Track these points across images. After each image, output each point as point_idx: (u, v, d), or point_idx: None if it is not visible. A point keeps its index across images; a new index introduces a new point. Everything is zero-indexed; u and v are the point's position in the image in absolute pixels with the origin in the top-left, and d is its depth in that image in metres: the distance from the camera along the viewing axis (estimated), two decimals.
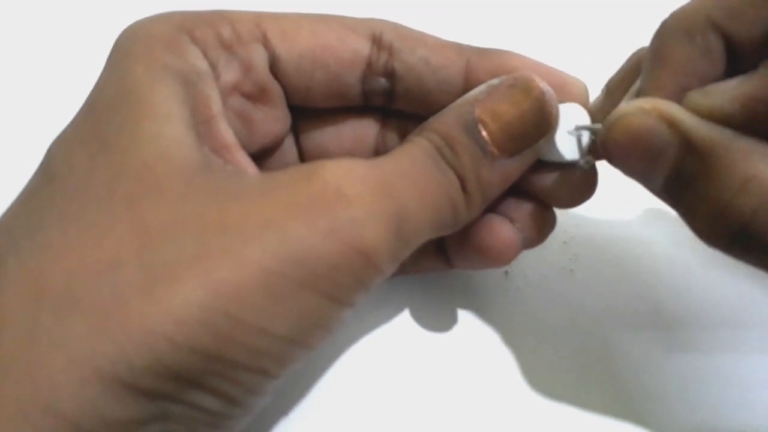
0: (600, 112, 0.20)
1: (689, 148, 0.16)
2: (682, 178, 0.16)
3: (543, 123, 0.19)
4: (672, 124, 0.16)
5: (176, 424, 0.15)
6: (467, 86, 0.20)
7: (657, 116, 0.16)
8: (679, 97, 0.17)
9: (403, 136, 0.22)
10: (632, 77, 0.19)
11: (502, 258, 0.21)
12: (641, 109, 0.17)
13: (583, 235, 0.27)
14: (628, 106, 0.17)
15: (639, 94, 0.18)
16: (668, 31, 0.17)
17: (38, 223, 0.15)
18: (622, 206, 0.28)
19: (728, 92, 0.16)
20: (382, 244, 0.16)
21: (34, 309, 0.14)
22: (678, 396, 0.23)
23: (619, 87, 0.20)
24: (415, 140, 0.18)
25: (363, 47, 0.20)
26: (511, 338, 0.24)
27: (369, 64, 0.20)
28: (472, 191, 0.18)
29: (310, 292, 0.15)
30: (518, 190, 0.20)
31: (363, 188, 0.16)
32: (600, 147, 0.18)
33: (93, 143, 0.16)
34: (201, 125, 0.17)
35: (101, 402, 0.13)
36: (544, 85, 0.19)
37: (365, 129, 0.22)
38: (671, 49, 0.17)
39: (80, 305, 0.14)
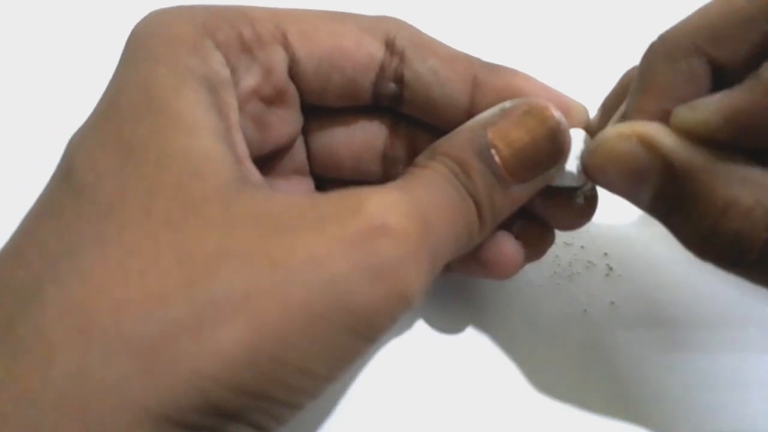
0: (596, 133, 0.21)
1: (670, 172, 0.16)
2: (667, 199, 0.17)
3: (556, 152, 0.19)
4: (652, 148, 0.16)
5: None
6: (472, 102, 0.20)
7: (637, 141, 0.17)
8: (663, 120, 0.17)
9: (411, 142, 0.22)
10: (625, 98, 0.20)
11: (505, 273, 0.21)
12: (621, 134, 0.17)
13: (585, 236, 0.27)
14: (608, 131, 0.18)
15: (624, 117, 0.18)
16: (653, 56, 0.18)
17: (72, 244, 0.15)
18: (621, 207, 0.27)
19: (714, 105, 0.16)
20: (420, 285, 0.16)
21: (83, 344, 0.14)
22: (678, 396, 0.23)
23: (613, 107, 0.20)
24: (431, 165, 0.18)
25: (377, 51, 0.20)
26: (510, 338, 0.24)
27: (382, 69, 0.21)
28: (486, 216, 0.18)
29: (349, 334, 0.15)
30: (522, 209, 0.20)
31: (408, 225, 0.16)
32: (584, 171, 0.19)
33: (119, 152, 0.16)
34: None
35: None
36: (558, 115, 0.19)
37: (374, 132, 0.22)
38: (655, 73, 0.17)
39: (128, 342, 0.14)
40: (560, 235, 0.27)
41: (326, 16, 0.20)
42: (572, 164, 0.19)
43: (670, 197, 0.17)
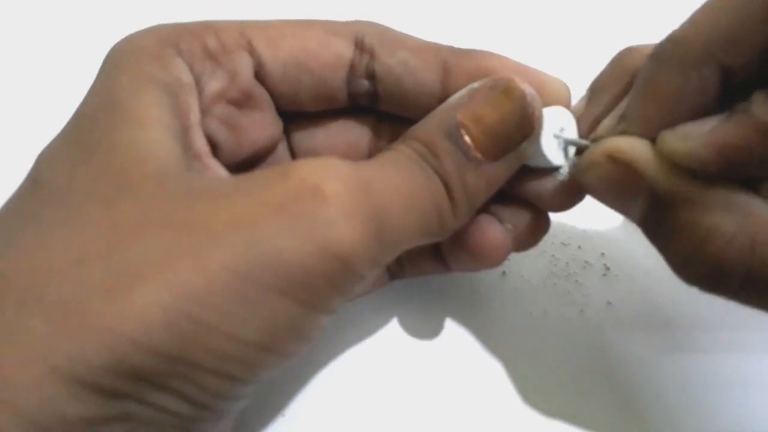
0: (584, 115, 0.20)
1: (654, 198, 0.16)
2: (653, 222, 0.17)
3: (526, 125, 0.18)
4: (636, 174, 0.17)
5: (140, 425, 0.15)
6: (444, 88, 0.20)
7: (624, 167, 0.17)
8: (665, 128, 0.17)
9: (395, 140, 0.22)
10: (616, 80, 0.19)
11: (491, 258, 0.21)
12: (610, 158, 0.17)
13: (582, 237, 0.27)
14: (596, 152, 0.18)
15: (624, 118, 0.18)
16: (663, 62, 0.17)
17: (15, 227, 0.16)
18: None
19: (703, 138, 0.15)
20: (360, 248, 0.15)
21: None
22: (675, 397, 0.23)
23: (603, 90, 0.20)
24: (398, 147, 0.18)
25: (346, 50, 0.20)
26: (507, 339, 0.24)
27: (352, 67, 0.21)
28: (458, 197, 0.18)
29: (280, 296, 0.15)
30: (509, 192, 0.21)
31: (341, 187, 0.15)
32: (578, 185, 0.19)
33: (76, 150, 0.17)
34: (181, 134, 0.18)
35: (58, 399, 0.13)
36: (525, 86, 0.18)
37: (358, 135, 0.23)
38: (664, 81, 0.17)
39: (41, 302, 0.14)
40: (557, 236, 0.27)
41: (293, 22, 0.21)
42: (550, 142, 0.19)
43: (655, 220, 0.17)
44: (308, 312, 0.15)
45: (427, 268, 0.23)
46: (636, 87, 0.18)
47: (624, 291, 0.26)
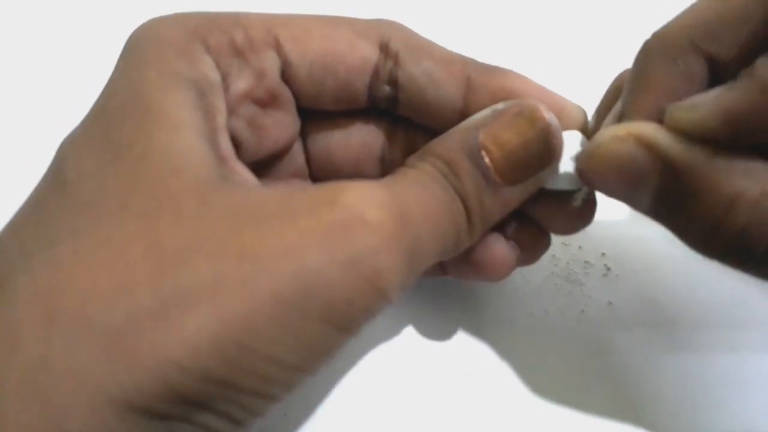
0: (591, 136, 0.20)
1: (671, 171, 0.16)
2: (669, 200, 0.16)
3: (547, 154, 0.18)
4: (650, 148, 0.16)
5: None
6: (466, 104, 0.20)
7: (634, 142, 0.16)
8: (659, 119, 0.17)
9: (408, 145, 0.22)
10: (616, 100, 0.19)
11: (495, 275, 0.21)
12: (617, 137, 0.17)
13: (583, 237, 0.27)
14: (603, 134, 0.17)
15: (620, 118, 0.18)
16: (649, 54, 0.17)
17: (49, 237, 0.15)
18: (619, 207, 0.27)
19: (709, 106, 0.15)
20: (397, 276, 0.16)
21: (47, 331, 0.14)
22: (676, 397, 0.23)
23: (607, 111, 0.20)
24: (420, 166, 0.18)
25: (371, 54, 0.20)
26: (507, 339, 0.24)
27: (375, 71, 0.20)
28: (475, 218, 0.18)
29: (322, 323, 0.15)
30: (517, 211, 0.20)
31: (384, 216, 0.15)
32: (580, 176, 0.18)
33: (104, 151, 0.16)
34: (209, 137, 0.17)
35: (112, 427, 0.13)
36: (549, 116, 0.18)
37: (372, 136, 0.22)
38: (652, 71, 0.17)
39: (93, 330, 0.14)
40: (559, 237, 0.27)
41: (320, 20, 0.20)
42: (567, 166, 0.19)
43: (672, 197, 0.16)
44: (343, 335, 0.16)
45: (426, 271, 0.23)
46: (627, 83, 0.18)
47: (625, 291, 0.26)
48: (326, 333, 0.15)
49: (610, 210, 0.26)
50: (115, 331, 0.14)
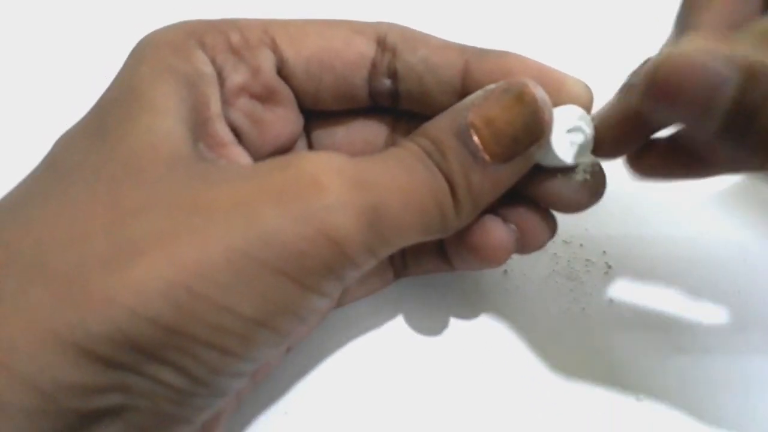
0: (600, 115, 0.20)
1: (753, 77, 0.15)
2: (746, 111, 0.15)
3: (535, 129, 0.18)
4: (730, 55, 0.15)
5: (137, 397, 0.15)
6: (465, 87, 0.20)
7: (711, 51, 0.15)
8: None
9: None
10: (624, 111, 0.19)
11: (493, 257, 0.21)
12: (691, 45, 0.15)
13: (584, 235, 0.27)
14: (673, 46, 0.16)
15: (679, 37, 0.17)
16: None
17: (23, 202, 0.16)
18: (621, 205, 0.27)
19: None
20: (354, 235, 0.16)
21: (2, 276, 0.14)
22: (677, 396, 0.23)
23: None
24: (404, 144, 0.18)
25: (368, 49, 0.21)
26: (508, 337, 0.24)
27: (374, 66, 0.21)
28: (462, 196, 0.18)
29: (276, 274, 0.15)
30: (518, 193, 0.20)
31: (338, 179, 0.16)
32: (643, 95, 0.16)
33: (94, 136, 0.17)
34: (199, 124, 0.18)
35: (58, 365, 0.14)
36: (538, 90, 0.18)
37: (375, 132, 0.23)
38: None
39: (45, 273, 0.14)
40: (559, 234, 0.26)
41: (317, 21, 0.21)
42: (563, 141, 0.19)
43: (751, 107, 0.15)
44: (302, 291, 0.16)
45: (430, 266, 0.23)
46: (681, 11, 0.18)
47: (626, 289, 0.26)
48: (283, 285, 0.15)
49: (611, 208, 0.26)
50: (66, 274, 0.14)
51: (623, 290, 0.26)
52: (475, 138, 0.18)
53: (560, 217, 0.22)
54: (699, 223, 0.28)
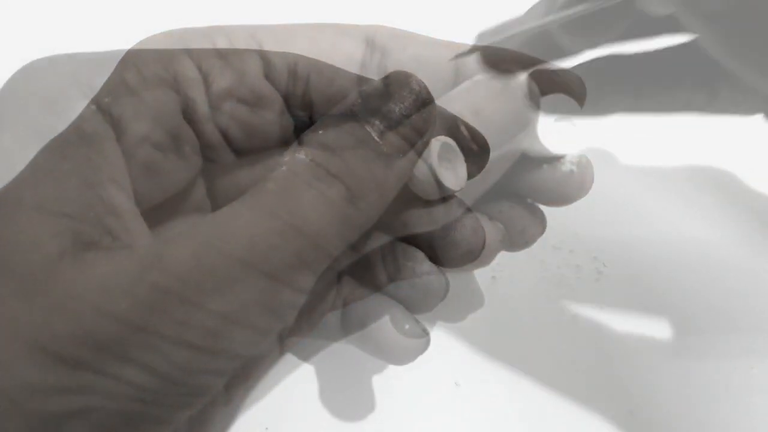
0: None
1: None
2: None
3: (420, 120, 0.18)
4: None
5: (102, 398, 0.15)
6: (457, 82, 0.20)
7: None
8: None
9: None
10: None
11: (480, 256, 0.20)
12: None
13: (573, 240, 0.27)
14: None
15: None
16: None
17: None
18: (614, 207, 0.28)
19: None
20: (324, 225, 0.16)
21: None
22: (668, 403, 0.23)
23: None
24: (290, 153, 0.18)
25: (356, 50, 0.21)
26: (497, 346, 0.24)
27: (363, 67, 0.21)
28: (359, 192, 0.18)
29: (241, 265, 0.15)
30: (504, 188, 0.20)
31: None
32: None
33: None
34: (183, 129, 0.19)
35: (21, 367, 0.14)
36: (413, 79, 0.18)
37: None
38: None
39: (9, 270, 0.14)
40: (548, 239, 0.26)
41: (305, 25, 0.21)
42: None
43: None
44: (273, 284, 0.16)
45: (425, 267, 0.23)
46: None
47: (617, 296, 0.25)
48: (248, 276, 0.15)
49: (604, 212, 0.26)
50: (30, 272, 0.14)
51: (615, 297, 0.26)
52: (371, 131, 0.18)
53: (550, 222, 0.22)
54: (692, 229, 0.28)
